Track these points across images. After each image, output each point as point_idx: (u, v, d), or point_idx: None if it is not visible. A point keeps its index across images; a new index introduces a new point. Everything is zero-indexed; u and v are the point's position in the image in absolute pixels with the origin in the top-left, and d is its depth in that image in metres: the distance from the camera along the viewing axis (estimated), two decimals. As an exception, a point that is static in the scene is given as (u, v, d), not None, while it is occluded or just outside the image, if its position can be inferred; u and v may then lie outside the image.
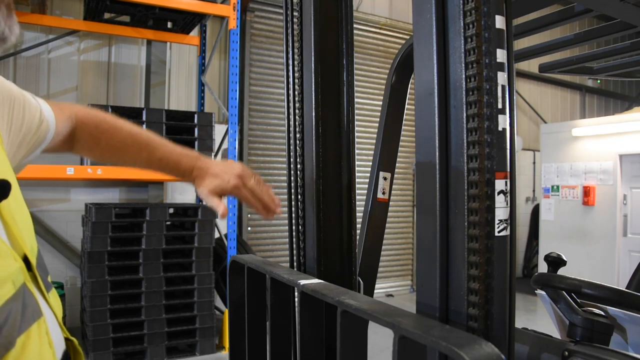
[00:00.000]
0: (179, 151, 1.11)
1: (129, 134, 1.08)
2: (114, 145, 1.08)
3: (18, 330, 0.62)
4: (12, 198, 0.70)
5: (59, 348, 0.73)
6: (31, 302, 0.67)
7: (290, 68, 1.34)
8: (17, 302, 0.63)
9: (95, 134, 1.06)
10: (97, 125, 1.06)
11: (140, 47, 5.40)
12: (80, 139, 1.05)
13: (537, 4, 1.85)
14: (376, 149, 1.72)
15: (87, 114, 1.05)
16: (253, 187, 1.08)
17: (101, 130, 1.06)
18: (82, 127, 1.04)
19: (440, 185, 0.85)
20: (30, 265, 0.70)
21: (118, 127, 1.07)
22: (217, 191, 1.07)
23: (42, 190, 4.81)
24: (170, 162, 1.10)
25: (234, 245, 4.27)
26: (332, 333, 1.02)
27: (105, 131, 1.06)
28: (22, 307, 0.64)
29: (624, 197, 6.13)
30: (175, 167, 1.11)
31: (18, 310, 0.63)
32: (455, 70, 0.84)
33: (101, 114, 1.07)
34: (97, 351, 3.85)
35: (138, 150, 1.09)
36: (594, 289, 1.45)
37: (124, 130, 1.08)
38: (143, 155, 1.09)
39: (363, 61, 6.57)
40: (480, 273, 0.79)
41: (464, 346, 0.65)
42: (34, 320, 0.66)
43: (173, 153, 1.11)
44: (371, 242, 1.70)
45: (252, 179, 1.08)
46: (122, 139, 1.08)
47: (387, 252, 6.80)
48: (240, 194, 1.08)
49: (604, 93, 9.65)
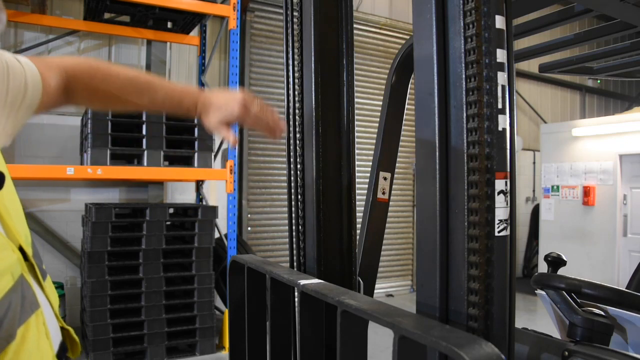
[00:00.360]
0: (180, 89, 1.11)
1: (127, 80, 1.06)
2: (113, 93, 1.06)
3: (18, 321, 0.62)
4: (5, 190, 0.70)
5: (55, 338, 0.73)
6: (29, 294, 0.67)
7: (290, 68, 1.34)
8: (16, 293, 0.63)
9: (91, 85, 1.03)
10: (92, 76, 1.03)
11: (140, 47, 5.40)
12: (75, 92, 1.02)
13: (537, 4, 1.85)
14: (376, 149, 1.72)
15: (78, 66, 1.01)
16: (257, 113, 1.09)
17: (97, 80, 1.03)
18: (75, 79, 1.00)
19: (440, 185, 0.85)
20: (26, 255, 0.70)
21: (114, 75, 1.05)
22: (223, 122, 1.08)
23: (42, 190, 4.81)
24: (173, 101, 1.10)
25: (234, 245, 4.27)
26: (332, 333, 1.02)
27: (101, 81, 1.04)
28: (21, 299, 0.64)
29: (624, 197, 6.13)
30: (178, 105, 1.11)
31: (17, 302, 0.63)
32: (455, 70, 0.84)
33: (94, 62, 1.04)
34: (97, 351, 3.85)
35: (139, 95, 1.07)
36: (594, 289, 1.45)
37: (120, 76, 1.05)
38: (145, 99, 1.09)
39: (363, 61, 6.57)
40: (480, 273, 0.79)
41: (464, 346, 0.65)
42: (32, 311, 0.66)
43: (175, 91, 1.10)
44: (371, 242, 1.70)
45: (256, 105, 1.09)
46: (120, 85, 1.05)
47: (387, 252, 6.80)
48: (245, 121, 1.09)
49: (604, 93, 9.65)
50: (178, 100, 1.10)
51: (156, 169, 4.13)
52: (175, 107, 1.12)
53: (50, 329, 0.71)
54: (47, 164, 4.65)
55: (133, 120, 4.12)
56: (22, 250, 0.69)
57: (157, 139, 4.12)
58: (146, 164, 4.09)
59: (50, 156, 4.84)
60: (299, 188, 1.31)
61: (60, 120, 4.88)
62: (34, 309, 0.67)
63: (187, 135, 4.38)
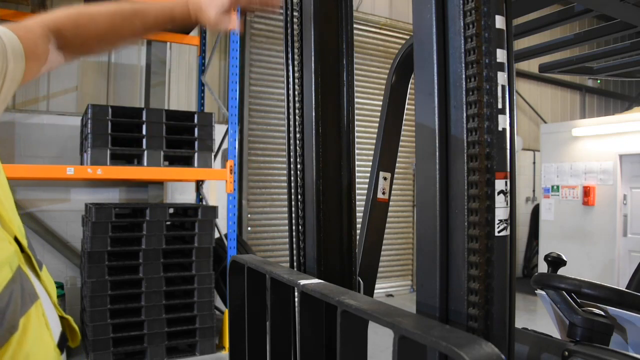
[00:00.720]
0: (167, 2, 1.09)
1: (112, 14, 1.04)
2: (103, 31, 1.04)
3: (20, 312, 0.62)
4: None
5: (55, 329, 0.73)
6: (27, 285, 0.67)
7: (290, 68, 1.34)
8: (16, 284, 0.63)
9: (79, 31, 1.01)
10: (76, 22, 1.01)
11: (140, 47, 5.40)
12: (67, 45, 1.00)
13: (537, 4, 1.85)
14: (376, 149, 1.72)
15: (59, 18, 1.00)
16: None
17: (82, 24, 1.02)
18: (61, 33, 0.99)
19: (440, 185, 0.85)
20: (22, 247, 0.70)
21: (97, 13, 1.03)
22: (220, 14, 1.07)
23: (42, 190, 4.81)
24: (165, 16, 1.09)
25: (234, 245, 4.27)
26: (332, 333, 1.02)
27: (87, 23, 1.02)
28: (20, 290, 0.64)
29: (624, 197, 6.13)
30: (171, 17, 1.09)
31: (18, 293, 0.63)
32: (455, 70, 0.84)
33: (73, 9, 1.02)
34: (97, 351, 3.85)
35: (130, 24, 1.06)
36: (594, 289, 1.45)
37: (103, 13, 1.04)
38: (137, 24, 1.07)
39: (363, 61, 6.57)
40: (480, 273, 0.79)
41: (464, 346, 0.65)
42: (32, 302, 0.66)
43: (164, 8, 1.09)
44: (371, 242, 1.70)
45: None
46: (108, 21, 1.04)
47: (387, 252, 6.80)
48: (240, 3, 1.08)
49: (604, 93, 9.65)
50: (169, 12, 1.09)
51: (156, 169, 4.13)
52: (168, 20, 1.09)
53: (50, 320, 0.71)
54: (47, 164, 4.66)
55: (133, 121, 4.12)
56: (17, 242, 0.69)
57: (157, 139, 4.12)
58: (146, 164, 4.09)
59: (50, 156, 4.85)
60: (299, 188, 1.31)
61: (60, 120, 4.89)
62: (34, 300, 0.67)
63: (187, 135, 4.38)
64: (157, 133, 4.13)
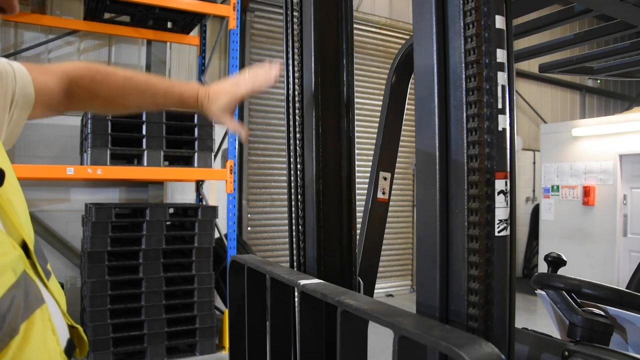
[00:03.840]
0: (178, 84, 1.13)
1: (126, 80, 1.08)
2: (114, 94, 1.07)
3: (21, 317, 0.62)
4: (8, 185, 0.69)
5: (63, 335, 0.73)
6: (33, 289, 0.66)
7: (290, 68, 1.34)
8: (19, 289, 0.63)
9: (92, 87, 1.05)
10: (92, 78, 1.04)
11: (140, 47, 5.40)
12: (77, 95, 1.03)
13: (537, 4, 1.85)
14: (376, 149, 1.72)
15: (78, 69, 1.03)
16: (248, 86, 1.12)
17: (97, 82, 1.05)
18: (76, 83, 1.02)
19: (440, 185, 0.85)
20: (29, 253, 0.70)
21: (113, 76, 1.06)
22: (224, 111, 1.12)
23: (42, 190, 4.81)
24: (174, 97, 1.12)
25: (234, 245, 4.27)
26: (332, 333, 1.02)
27: (102, 82, 1.05)
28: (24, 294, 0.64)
29: (624, 197, 6.13)
30: (179, 100, 1.13)
31: (21, 297, 0.63)
32: (455, 70, 0.84)
33: (93, 65, 1.06)
34: (97, 351, 3.85)
35: (139, 95, 1.09)
36: (594, 289, 1.45)
37: (119, 77, 1.07)
38: (146, 97, 1.10)
39: (363, 61, 6.57)
40: (480, 273, 0.79)
41: (464, 346, 0.65)
42: (37, 306, 0.66)
43: (174, 87, 1.12)
44: (371, 242, 1.70)
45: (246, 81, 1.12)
46: (121, 86, 1.07)
47: (387, 252, 6.80)
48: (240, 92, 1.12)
49: (604, 93, 9.65)
50: (178, 95, 1.12)
51: (156, 169, 4.13)
52: (176, 102, 1.13)
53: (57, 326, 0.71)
54: (47, 164, 4.66)
55: (133, 120, 4.12)
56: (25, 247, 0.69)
57: (157, 139, 4.13)
58: (146, 164, 4.09)
59: (50, 156, 4.84)
60: (299, 188, 1.31)
61: (60, 120, 4.88)
62: (39, 304, 0.67)
63: (187, 135, 4.38)
64: (157, 133, 4.13)
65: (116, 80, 1.06)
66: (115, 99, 1.09)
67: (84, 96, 1.05)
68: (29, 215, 0.76)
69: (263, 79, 1.12)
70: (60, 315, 0.75)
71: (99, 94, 1.06)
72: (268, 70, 1.13)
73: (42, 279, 0.72)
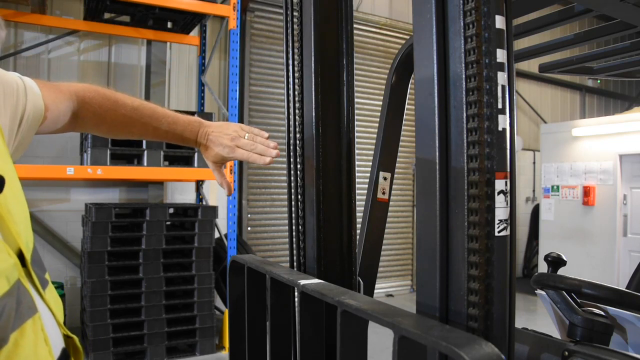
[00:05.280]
0: (182, 120, 1.16)
1: (133, 109, 1.10)
2: (119, 121, 1.09)
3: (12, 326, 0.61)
4: (8, 192, 0.69)
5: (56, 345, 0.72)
6: (26, 299, 0.66)
7: (290, 68, 1.34)
8: (11, 297, 0.62)
9: (99, 112, 1.06)
10: (101, 103, 1.06)
11: (140, 47, 5.40)
12: (84, 118, 1.05)
13: (537, 4, 1.85)
14: (376, 149, 1.72)
15: (88, 92, 1.05)
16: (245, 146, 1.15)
17: (105, 108, 1.07)
18: (84, 105, 1.04)
19: (440, 186, 0.85)
20: (25, 261, 0.69)
21: (121, 103, 1.08)
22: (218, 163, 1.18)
23: (42, 190, 4.81)
24: (175, 133, 1.16)
25: (234, 245, 4.27)
26: (332, 333, 1.02)
27: (109, 109, 1.07)
28: (16, 303, 0.63)
29: (624, 197, 6.13)
30: (180, 137, 1.16)
31: (12, 306, 0.62)
32: (455, 70, 0.84)
33: (102, 90, 1.08)
34: (97, 351, 3.85)
35: (144, 124, 1.12)
36: (594, 289, 1.45)
37: (127, 105, 1.09)
38: (149, 129, 1.13)
39: (363, 61, 6.57)
40: (480, 273, 0.79)
41: (464, 346, 0.65)
42: (29, 316, 0.65)
43: (177, 124, 1.15)
44: (371, 242, 1.70)
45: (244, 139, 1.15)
46: (127, 114, 1.09)
47: (387, 252, 6.80)
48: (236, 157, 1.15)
49: (604, 93, 9.65)
50: (180, 132, 1.15)
51: (156, 169, 4.13)
52: (177, 138, 1.17)
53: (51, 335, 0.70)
54: (47, 164, 4.65)
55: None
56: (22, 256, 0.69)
57: (157, 139, 4.12)
58: (146, 164, 4.09)
59: (50, 156, 4.84)
60: (299, 188, 1.31)
61: (60, 120, 4.88)
62: (31, 314, 0.66)
63: (187, 135, 4.37)
64: (157, 133, 4.13)
65: (124, 110, 1.08)
66: (120, 127, 1.11)
67: (90, 120, 1.07)
68: (29, 223, 0.76)
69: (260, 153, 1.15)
70: (54, 325, 0.74)
71: (105, 120, 1.08)
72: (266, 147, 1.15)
73: (38, 289, 0.71)
